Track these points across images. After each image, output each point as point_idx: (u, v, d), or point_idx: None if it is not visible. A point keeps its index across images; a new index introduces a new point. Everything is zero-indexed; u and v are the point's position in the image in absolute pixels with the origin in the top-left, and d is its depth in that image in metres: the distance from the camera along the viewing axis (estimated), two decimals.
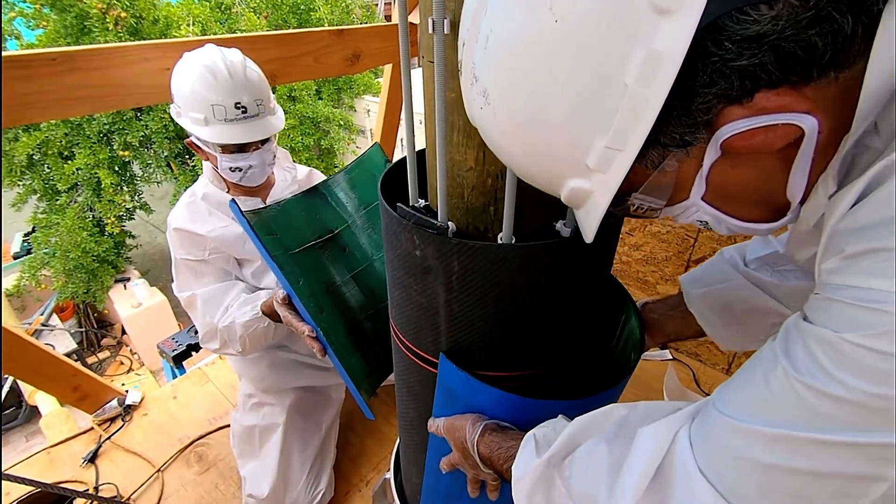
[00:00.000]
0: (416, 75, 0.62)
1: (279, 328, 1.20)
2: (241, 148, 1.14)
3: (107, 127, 4.69)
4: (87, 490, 1.45)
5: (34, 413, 4.37)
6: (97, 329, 5.70)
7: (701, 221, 0.44)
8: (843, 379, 0.30)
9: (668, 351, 1.95)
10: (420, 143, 0.75)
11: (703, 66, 0.32)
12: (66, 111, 1.28)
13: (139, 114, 4.82)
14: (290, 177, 1.40)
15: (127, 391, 1.72)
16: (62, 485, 1.47)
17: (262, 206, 1.13)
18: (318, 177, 1.49)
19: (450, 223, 0.66)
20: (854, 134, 0.34)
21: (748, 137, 0.34)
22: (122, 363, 5.39)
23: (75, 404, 1.60)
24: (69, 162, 4.73)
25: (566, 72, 0.34)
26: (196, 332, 2.71)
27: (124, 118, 4.70)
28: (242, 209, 1.02)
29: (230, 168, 1.16)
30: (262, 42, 1.57)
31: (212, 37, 1.54)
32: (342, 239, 1.25)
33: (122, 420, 1.67)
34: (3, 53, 1.15)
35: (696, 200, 0.41)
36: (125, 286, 5.47)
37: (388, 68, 2.18)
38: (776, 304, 0.75)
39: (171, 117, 4.71)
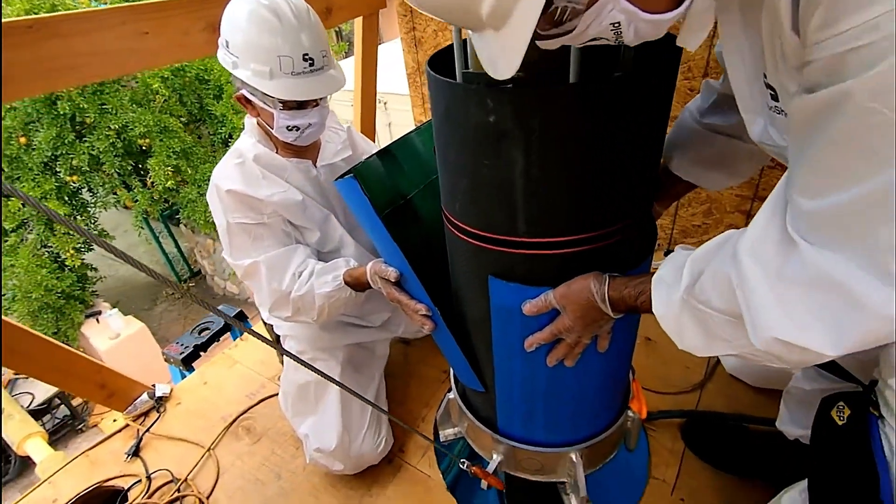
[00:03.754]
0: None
1: (358, 297, 1.14)
2: (301, 105, 1.07)
3: (48, 154, 4.40)
4: (139, 480, 1.39)
5: (26, 464, 4.13)
6: None
7: (613, 25, 0.47)
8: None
9: None
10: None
11: None
12: (50, 84, 1.20)
13: (82, 133, 4.54)
14: (340, 139, 1.31)
15: (153, 385, 1.65)
16: (116, 479, 1.42)
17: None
18: (358, 133, 1.41)
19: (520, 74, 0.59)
20: None
21: None
22: None
23: (104, 402, 1.53)
24: (11, 199, 4.42)
25: None
26: (200, 333, 2.62)
27: (66, 141, 4.42)
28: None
29: (287, 127, 1.08)
30: None
31: None
32: (414, 204, 1.14)
33: (157, 412, 1.61)
34: None
35: None
36: (97, 320, 5.19)
37: (357, 25, 2.12)
38: (736, 141, 0.89)
39: (116, 133, 4.50)
